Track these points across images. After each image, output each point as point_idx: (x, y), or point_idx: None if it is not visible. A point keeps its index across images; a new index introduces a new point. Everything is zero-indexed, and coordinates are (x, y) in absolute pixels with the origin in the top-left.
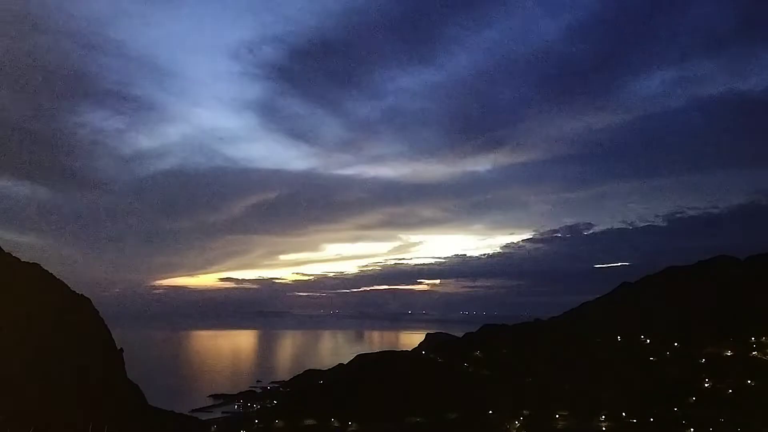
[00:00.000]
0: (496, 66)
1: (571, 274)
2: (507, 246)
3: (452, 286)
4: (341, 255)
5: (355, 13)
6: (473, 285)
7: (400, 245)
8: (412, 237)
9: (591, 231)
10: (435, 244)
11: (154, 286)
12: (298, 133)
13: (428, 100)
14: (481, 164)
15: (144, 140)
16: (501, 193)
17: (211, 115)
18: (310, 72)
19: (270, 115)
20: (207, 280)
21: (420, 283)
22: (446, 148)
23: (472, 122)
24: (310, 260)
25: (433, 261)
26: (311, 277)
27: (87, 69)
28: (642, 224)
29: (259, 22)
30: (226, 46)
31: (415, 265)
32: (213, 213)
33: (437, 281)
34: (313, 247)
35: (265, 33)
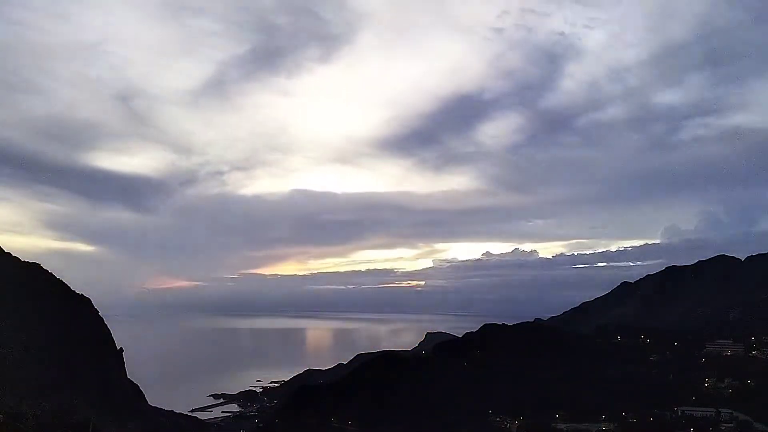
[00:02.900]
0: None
1: (570, 274)
2: (512, 252)
3: (450, 285)
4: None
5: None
6: (471, 285)
7: (426, 251)
8: (438, 245)
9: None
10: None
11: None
12: (363, 167)
13: (480, 149)
14: (518, 201)
15: (235, 177)
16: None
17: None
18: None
19: (348, 160)
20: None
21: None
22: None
23: (515, 176)
24: (337, 264)
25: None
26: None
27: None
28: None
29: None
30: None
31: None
32: (267, 230)
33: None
34: (343, 254)
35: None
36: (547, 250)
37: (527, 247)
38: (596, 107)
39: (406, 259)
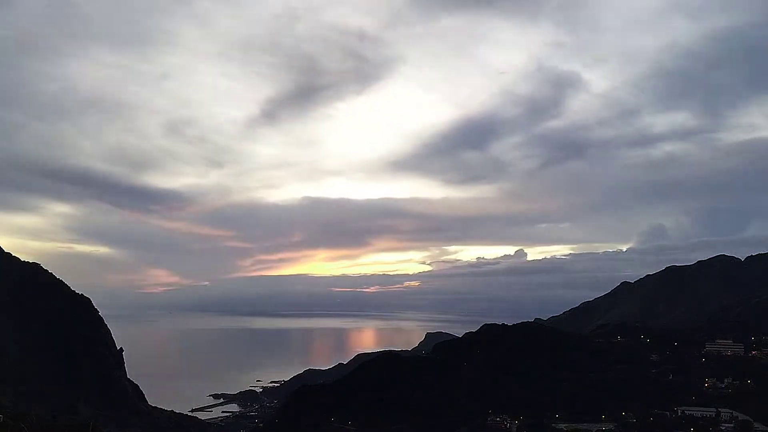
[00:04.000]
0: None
1: (570, 275)
2: (514, 254)
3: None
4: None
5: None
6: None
7: (433, 253)
8: (448, 248)
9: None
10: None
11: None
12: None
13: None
14: (522, 208)
15: (264, 190)
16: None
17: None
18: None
19: (374, 176)
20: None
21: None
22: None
23: (522, 187)
24: (348, 265)
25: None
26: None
27: None
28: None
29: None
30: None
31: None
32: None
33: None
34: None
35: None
36: (549, 252)
37: (530, 249)
38: (596, 129)
39: (414, 261)
